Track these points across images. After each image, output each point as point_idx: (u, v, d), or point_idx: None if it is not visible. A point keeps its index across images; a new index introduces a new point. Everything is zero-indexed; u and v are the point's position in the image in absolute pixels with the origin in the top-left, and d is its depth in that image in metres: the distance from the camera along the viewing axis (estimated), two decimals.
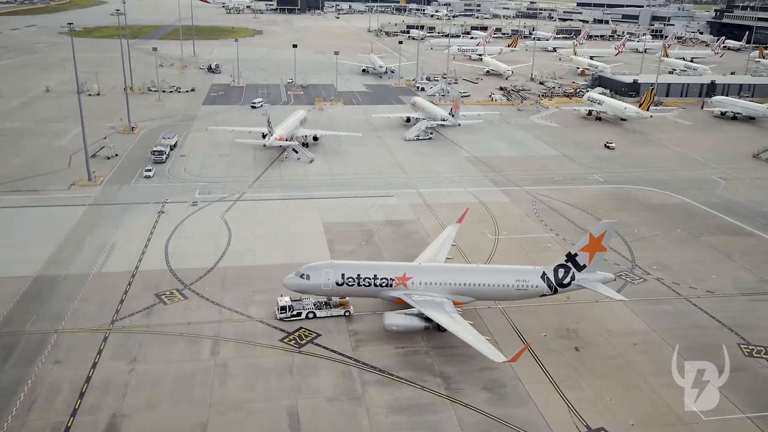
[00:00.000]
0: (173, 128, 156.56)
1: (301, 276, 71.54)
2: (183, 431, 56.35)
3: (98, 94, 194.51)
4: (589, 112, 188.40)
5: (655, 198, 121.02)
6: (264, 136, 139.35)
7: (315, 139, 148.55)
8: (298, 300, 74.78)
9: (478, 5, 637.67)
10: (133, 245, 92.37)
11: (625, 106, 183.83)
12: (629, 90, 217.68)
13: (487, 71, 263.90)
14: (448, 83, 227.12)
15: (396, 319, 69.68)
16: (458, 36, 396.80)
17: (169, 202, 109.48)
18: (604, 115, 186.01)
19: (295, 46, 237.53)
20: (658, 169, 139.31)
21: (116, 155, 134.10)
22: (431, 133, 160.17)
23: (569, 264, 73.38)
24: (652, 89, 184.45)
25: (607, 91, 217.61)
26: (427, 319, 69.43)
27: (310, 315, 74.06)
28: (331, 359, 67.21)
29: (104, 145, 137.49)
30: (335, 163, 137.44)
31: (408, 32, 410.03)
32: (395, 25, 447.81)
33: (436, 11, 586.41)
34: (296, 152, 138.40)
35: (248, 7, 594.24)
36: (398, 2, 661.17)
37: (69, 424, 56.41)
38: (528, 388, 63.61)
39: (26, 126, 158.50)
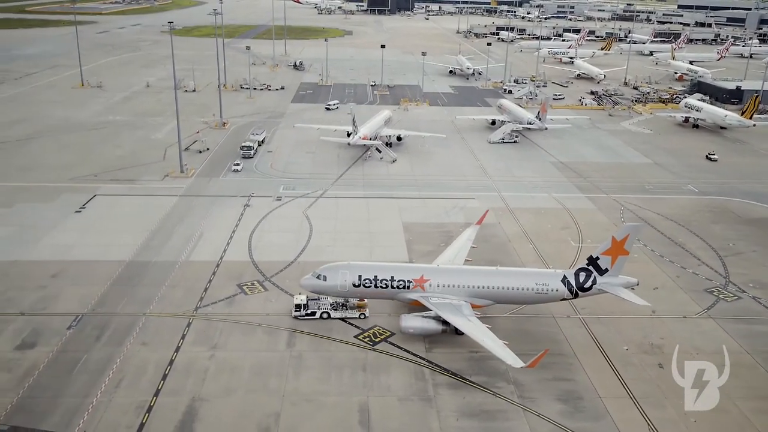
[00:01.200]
0: (262, 125, 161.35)
1: (318, 277, 71.05)
2: (257, 419, 57.86)
3: (194, 91, 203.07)
4: (686, 119, 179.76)
5: (755, 211, 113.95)
6: (349, 135, 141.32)
7: (399, 139, 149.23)
8: (316, 299, 74.02)
9: (572, 7, 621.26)
10: (219, 236, 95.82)
11: (726, 114, 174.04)
12: (731, 97, 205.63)
13: (578, 75, 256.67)
14: (537, 86, 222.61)
15: (412, 322, 69.00)
16: (549, 38, 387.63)
17: (255, 196, 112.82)
18: (702, 123, 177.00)
19: (383, 46, 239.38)
20: (759, 181, 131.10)
21: (207, 149, 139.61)
22: (517, 137, 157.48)
23: (591, 268, 71.28)
24: (757, 96, 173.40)
25: (707, 98, 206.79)
26: (445, 322, 68.42)
27: (324, 315, 73.42)
28: (404, 359, 67.24)
29: (197, 139, 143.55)
30: (418, 163, 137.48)
31: (497, 34, 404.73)
32: (485, 26, 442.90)
33: (528, 13, 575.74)
34: (380, 152, 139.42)
35: (339, 8, 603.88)
36: (489, 4, 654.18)
37: (152, 404, 59.16)
38: (606, 403, 61.36)
39: (127, 119, 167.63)
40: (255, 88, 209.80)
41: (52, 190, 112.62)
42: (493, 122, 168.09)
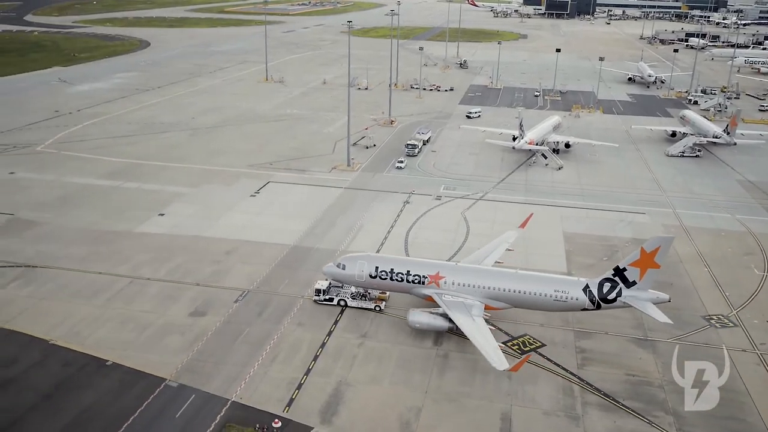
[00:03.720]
0: (428, 124, 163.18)
1: (338, 265, 72.74)
2: (399, 411, 58.55)
3: (366, 89, 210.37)
4: None
5: None
6: (514, 139, 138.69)
7: (567, 146, 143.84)
8: (339, 286, 75.20)
9: None
10: (378, 230, 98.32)
11: None
12: None
13: None
14: (727, 98, 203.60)
15: (420, 317, 68.45)
16: (747, 46, 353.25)
17: (415, 194, 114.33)
18: None
19: (558, 50, 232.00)
20: None
21: (374, 145, 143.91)
22: (699, 151, 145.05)
23: (617, 279, 67.80)
24: None
25: None
26: (452, 320, 66.41)
27: (342, 303, 74.64)
28: (552, 372, 64.60)
29: (365, 135, 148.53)
30: (585, 172, 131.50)
31: (686, 41, 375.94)
32: (672, 32, 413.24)
33: (723, 18, 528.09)
34: (545, 158, 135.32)
35: (516, 11, 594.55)
36: (679, 8, 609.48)
37: (302, 382, 62.07)
38: None
39: (303, 113, 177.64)
40: (424, 89, 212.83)
41: (232, 174, 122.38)
42: (674, 134, 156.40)
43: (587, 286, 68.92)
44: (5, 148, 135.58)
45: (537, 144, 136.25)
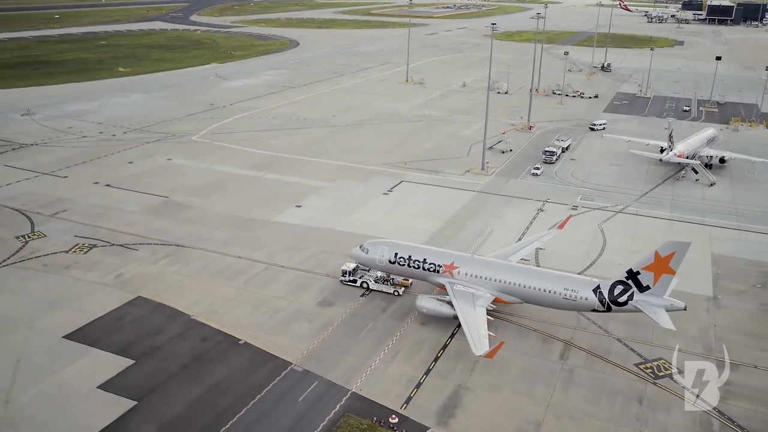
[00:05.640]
0: (569, 132, 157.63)
1: (363, 249, 76.99)
2: (517, 422, 56.96)
3: (506, 93, 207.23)
4: None
5: None
6: (662, 151, 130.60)
7: (722, 161, 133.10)
8: (366, 270, 79.22)
9: None
10: (509, 236, 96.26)
11: None
12: None
13: None
14: None
15: (426, 302, 70.50)
16: None
17: (550, 202, 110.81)
18: None
19: (718, 58, 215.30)
20: None
21: (510, 150, 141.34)
22: None
23: (630, 282, 66.48)
24: None
25: None
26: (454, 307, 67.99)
27: (364, 285, 78.63)
28: (690, 402, 59.80)
29: (502, 139, 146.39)
30: (741, 190, 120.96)
31: None
32: None
33: None
34: (696, 172, 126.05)
35: (672, 16, 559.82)
36: None
37: (421, 381, 62.12)
38: None
39: (440, 115, 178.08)
40: (567, 95, 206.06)
41: (367, 171, 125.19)
42: None
43: (598, 287, 67.51)
44: (165, 136, 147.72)
45: (687, 157, 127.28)
